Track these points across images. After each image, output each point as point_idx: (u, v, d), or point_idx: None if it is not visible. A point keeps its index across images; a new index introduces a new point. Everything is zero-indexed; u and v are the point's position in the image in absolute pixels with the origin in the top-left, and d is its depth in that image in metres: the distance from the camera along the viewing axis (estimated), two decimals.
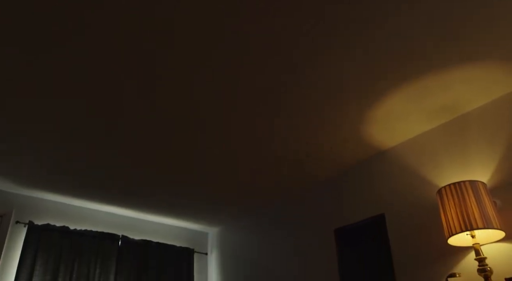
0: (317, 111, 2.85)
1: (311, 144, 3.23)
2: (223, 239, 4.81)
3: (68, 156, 3.31)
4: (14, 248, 3.63)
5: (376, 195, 3.31)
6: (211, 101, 2.71)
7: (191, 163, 3.45)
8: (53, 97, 2.62)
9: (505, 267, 2.41)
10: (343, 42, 2.26)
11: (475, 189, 2.44)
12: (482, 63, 2.45)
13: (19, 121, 2.85)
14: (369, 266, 3.17)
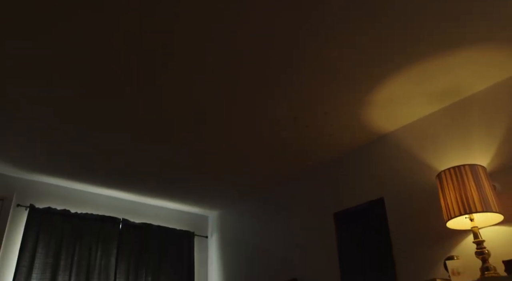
0: (317, 96, 2.84)
1: (311, 128, 3.22)
2: (223, 222, 4.85)
3: (69, 140, 3.31)
4: (16, 231, 3.66)
5: (376, 179, 3.32)
6: (212, 86, 2.70)
7: (192, 146, 3.46)
8: (53, 80, 2.61)
9: (503, 249, 2.43)
10: (344, 26, 2.24)
11: (475, 173, 2.45)
12: (484, 47, 2.43)
13: (20, 104, 2.84)
14: (368, 249, 3.20)
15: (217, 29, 2.22)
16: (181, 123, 3.13)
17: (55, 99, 2.80)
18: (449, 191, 2.49)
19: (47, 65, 2.46)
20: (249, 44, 2.35)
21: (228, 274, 4.50)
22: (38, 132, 3.18)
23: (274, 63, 2.52)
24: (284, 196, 4.13)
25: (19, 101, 2.82)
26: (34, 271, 3.55)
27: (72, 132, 3.21)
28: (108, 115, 3.01)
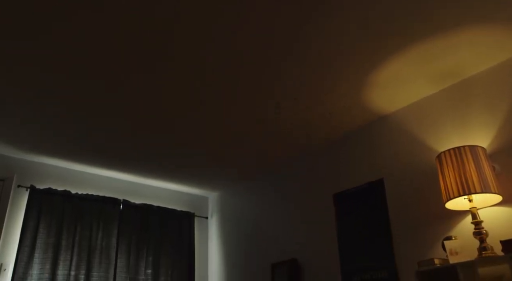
0: (317, 76, 2.82)
1: (311, 108, 3.21)
2: (223, 203, 4.88)
3: (69, 121, 3.30)
4: (17, 212, 3.68)
5: (376, 160, 3.33)
6: (212, 67, 2.68)
7: (192, 128, 3.45)
8: (53, 62, 2.59)
9: (500, 230, 2.45)
10: (345, 4, 2.20)
11: (475, 154, 2.45)
12: (486, 27, 2.40)
13: (20, 86, 2.82)
14: (367, 229, 3.23)
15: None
16: (181, 105, 3.11)
17: (55, 82, 2.78)
18: (449, 172, 2.50)
19: (46, 54, 2.44)
20: (250, 26, 2.32)
21: (228, 254, 4.55)
22: (38, 113, 3.17)
23: (276, 44, 2.49)
24: (284, 177, 4.14)
25: (19, 84, 2.80)
26: (36, 251, 3.59)
27: (72, 114, 3.20)
28: (108, 97, 2.99)
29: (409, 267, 2.80)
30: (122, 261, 4.03)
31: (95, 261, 3.88)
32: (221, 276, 4.55)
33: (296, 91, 2.98)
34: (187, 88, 2.91)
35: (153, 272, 4.19)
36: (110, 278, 3.91)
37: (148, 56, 2.57)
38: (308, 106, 3.18)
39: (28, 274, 3.48)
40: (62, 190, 3.92)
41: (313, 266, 3.58)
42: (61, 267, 3.67)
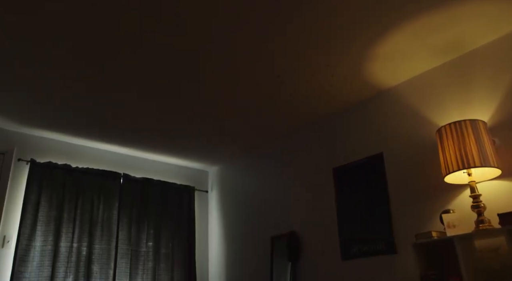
0: (318, 49, 2.78)
1: (311, 82, 3.18)
2: (223, 177, 4.90)
3: (69, 95, 3.27)
4: (18, 185, 3.70)
5: (376, 134, 3.32)
6: (212, 38, 2.64)
7: (192, 102, 3.43)
8: (52, 35, 2.55)
9: (498, 203, 2.47)
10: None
11: (475, 128, 2.45)
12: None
13: (19, 61, 2.79)
14: (366, 203, 3.25)
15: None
16: (182, 78, 3.08)
17: (55, 55, 2.74)
18: (449, 146, 2.50)
19: (45, 25, 2.40)
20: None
21: (228, 227, 4.60)
22: (38, 87, 3.14)
23: (277, 15, 2.45)
24: (284, 151, 4.15)
25: (19, 57, 2.76)
26: (39, 223, 3.63)
27: (72, 87, 3.17)
28: (108, 70, 2.96)
29: (407, 239, 2.84)
30: (123, 234, 4.09)
31: (97, 233, 3.93)
32: (221, 249, 4.62)
33: (297, 64, 2.95)
34: (187, 61, 2.88)
35: (154, 245, 4.25)
36: (112, 250, 3.97)
37: (149, 24, 2.52)
38: (308, 79, 3.15)
39: (31, 246, 3.53)
40: (62, 164, 3.93)
41: (312, 239, 3.62)
42: (64, 240, 3.72)
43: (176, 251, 4.37)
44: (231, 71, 3.02)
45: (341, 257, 3.31)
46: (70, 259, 3.70)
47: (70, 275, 3.65)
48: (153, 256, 4.21)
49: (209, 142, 4.28)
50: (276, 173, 4.18)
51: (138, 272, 4.06)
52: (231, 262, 4.44)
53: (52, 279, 3.55)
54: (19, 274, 3.40)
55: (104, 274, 3.84)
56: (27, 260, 3.48)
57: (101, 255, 3.88)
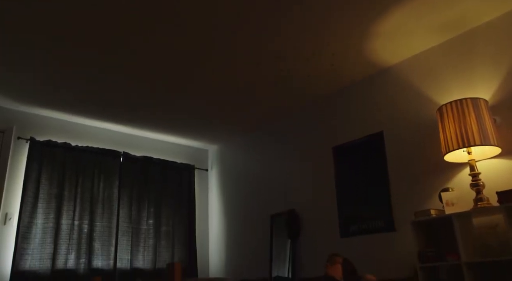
0: (319, 26, 2.74)
1: (312, 61, 3.15)
2: (223, 156, 4.91)
3: (68, 74, 3.25)
4: (19, 163, 3.71)
5: (376, 113, 3.31)
6: (214, 17, 2.60)
7: (193, 80, 3.40)
8: (52, 17, 2.50)
9: (497, 181, 2.48)
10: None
11: (476, 106, 2.44)
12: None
13: (19, 38, 2.75)
14: (366, 182, 3.27)
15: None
16: (182, 57, 3.05)
17: (55, 35, 2.71)
18: (449, 125, 2.49)
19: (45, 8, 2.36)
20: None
21: (228, 205, 4.64)
22: (37, 65, 3.11)
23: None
24: (284, 130, 4.14)
25: (18, 35, 2.73)
26: (40, 201, 3.65)
27: (72, 66, 3.14)
28: (108, 50, 2.92)
29: (406, 217, 2.86)
30: (124, 212, 4.12)
31: (98, 211, 3.95)
32: (221, 226, 4.66)
33: (297, 42, 2.91)
34: (188, 41, 2.84)
35: (154, 222, 4.29)
36: (113, 228, 4.00)
37: (149, 9, 2.48)
38: (308, 58, 3.12)
39: (33, 223, 3.57)
40: (62, 142, 3.92)
41: (311, 217, 3.65)
42: (65, 217, 3.75)
43: (177, 229, 4.41)
44: (232, 50, 2.99)
45: (340, 235, 3.35)
46: (71, 236, 3.74)
47: (72, 251, 3.70)
48: (154, 233, 4.25)
49: (209, 121, 4.27)
50: (276, 152, 4.18)
51: (139, 249, 4.11)
52: (231, 240, 4.49)
53: (55, 255, 3.59)
54: (22, 251, 3.44)
55: (106, 251, 3.89)
56: (29, 237, 3.52)
57: (102, 233, 3.92)
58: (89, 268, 3.74)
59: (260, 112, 4.09)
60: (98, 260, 3.82)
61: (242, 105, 3.91)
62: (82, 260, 3.73)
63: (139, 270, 4.02)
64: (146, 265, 4.09)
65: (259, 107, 3.97)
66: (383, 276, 2.93)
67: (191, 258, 4.40)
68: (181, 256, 4.36)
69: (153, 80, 3.43)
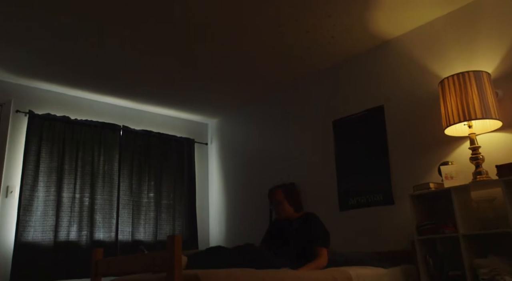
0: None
1: (313, 32, 3.10)
2: (223, 130, 4.91)
3: (67, 46, 3.20)
4: (18, 137, 3.70)
5: (377, 87, 3.28)
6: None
7: (192, 52, 3.36)
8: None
9: (497, 155, 2.48)
10: None
11: (479, 80, 2.42)
12: None
13: (18, 8, 2.69)
14: (365, 155, 3.27)
15: None
16: (182, 29, 3.00)
17: (54, 8, 2.65)
18: (451, 98, 2.47)
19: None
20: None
21: (228, 179, 4.66)
22: (35, 37, 3.06)
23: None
24: (284, 104, 4.12)
25: (14, 7, 2.67)
26: (40, 174, 3.67)
27: (70, 38, 3.09)
28: (108, 24, 2.87)
29: (405, 191, 2.87)
30: (124, 185, 4.14)
31: (98, 185, 3.98)
32: (221, 200, 4.70)
33: (298, 13, 2.86)
34: (188, 14, 2.78)
35: (155, 196, 4.32)
36: (114, 201, 4.04)
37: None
38: (309, 30, 3.07)
39: (34, 196, 3.59)
40: (61, 116, 3.91)
41: (310, 190, 3.68)
42: (66, 190, 3.77)
43: (177, 202, 4.45)
44: (232, 21, 2.93)
45: (339, 208, 3.38)
46: (73, 209, 3.77)
47: (74, 224, 3.74)
48: (155, 206, 4.29)
49: (208, 94, 4.24)
50: (276, 125, 4.17)
51: (140, 222, 4.16)
52: (231, 212, 4.53)
53: (57, 228, 3.64)
54: (24, 223, 3.48)
55: (107, 224, 3.93)
56: (31, 210, 3.55)
57: (103, 206, 3.96)
58: (91, 240, 3.79)
59: (260, 86, 4.06)
60: (99, 232, 3.87)
61: (241, 78, 3.87)
62: (84, 232, 3.78)
63: (140, 242, 4.08)
64: (147, 237, 4.14)
65: (259, 81, 3.94)
66: (381, 249, 2.97)
67: (191, 231, 4.45)
68: (182, 228, 4.41)
69: (152, 54, 3.38)
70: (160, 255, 1.80)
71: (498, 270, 2.15)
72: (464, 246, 2.29)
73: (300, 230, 2.65)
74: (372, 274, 2.38)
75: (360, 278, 2.29)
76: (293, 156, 3.91)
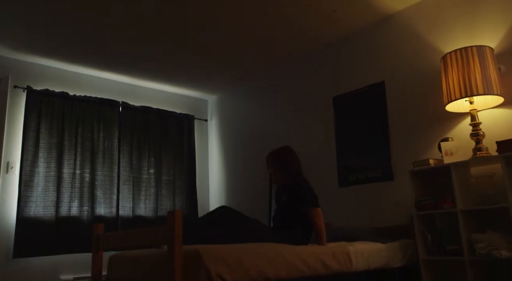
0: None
1: (314, 6, 3.04)
2: (222, 106, 4.88)
3: (65, 20, 3.14)
4: (17, 112, 3.68)
5: (378, 62, 3.25)
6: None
7: (192, 27, 3.30)
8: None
9: (498, 131, 2.47)
10: None
11: (481, 55, 2.38)
12: None
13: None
14: (365, 132, 3.26)
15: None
16: (182, 5, 2.94)
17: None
18: (453, 74, 2.45)
19: None
20: None
21: (228, 155, 4.67)
22: (32, 10, 3.00)
23: None
24: (284, 80, 4.09)
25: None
26: (40, 150, 3.67)
27: (69, 12, 3.03)
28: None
29: (404, 167, 2.88)
30: (124, 162, 4.15)
31: (99, 161, 3.98)
32: (221, 176, 4.72)
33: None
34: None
35: (155, 172, 4.34)
36: (114, 177, 4.05)
37: None
38: (310, 4, 3.01)
39: (35, 172, 3.60)
40: (59, 91, 3.88)
41: (310, 167, 3.67)
42: (66, 166, 3.78)
43: (177, 178, 4.47)
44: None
45: (339, 184, 3.39)
46: (74, 185, 3.79)
47: (75, 199, 3.77)
48: (155, 182, 4.31)
49: (208, 70, 4.20)
50: (276, 101, 4.15)
51: (141, 198, 4.19)
52: (230, 189, 4.56)
53: (58, 203, 3.66)
54: (25, 198, 3.50)
55: (108, 199, 3.96)
56: (32, 185, 3.57)
57: (104, 182, 3.97)
58: (92, 215, 3.82)
59: (260, 61, 4.01)
60: (100, 208, 3.90)
61: (242, 54, 3.83)
62: (85, 208, 3.81)
63: (141, 218, 4.12)
64: (148, 213, 4.18)
65: (259, 56, 3.89)
66: (380, 224, 3.00)
67: (191, 206, 4.49)
68: (182, 204, 4.44)
69: (152, 30, 3.33)
70: (160, 230, 1.81)
71: (495, 244, 2.17)
72: (463, 222, 2.31)
73: (288, 199, 2.61)
74: (371, 249, 2.41)
75: (359, 253, 2.32)
76: (293, 133, 3.90)
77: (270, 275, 1.90)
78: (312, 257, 2.10)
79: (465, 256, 2.27)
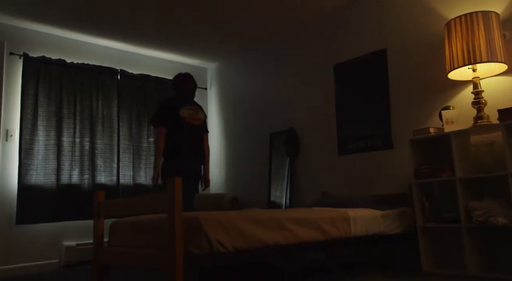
0: None
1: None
2: (222, 74, 4.82)
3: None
4: (14, 80, 3.64)
5: (380, 29, 3.18)
6: None
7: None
8: None
9: (500, 99, 2.45)
10: None
11: (487, 21, 2.33)
12: None
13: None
14: (366, 101, 3.23)
15: None
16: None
17: None
18: (456, 41, 2.40)
19: None
20: None
21: (228, 124, 4.65)
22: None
23: None
24: (284, 48, 4.02)
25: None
26: (39, 118, 3.65)
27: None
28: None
29: (405, 136, 2.87)
30: (124, 130, 4.14)
31: (98, 129, 3.97)
32: (221, 145, 4.72)
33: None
34: None
35: (155, 140, 4.33)
36: (114, 145, 4.05)
37: None
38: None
39: (34, 140, 3.60)
40: (56, 59, 3.82)
41: (310, 136, 3.68)
42: (66, 135, 3.77)
43: None
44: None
45: (338, 153, 3.39)
46: (74, 153, 3.79)
47: (75, 168, 3.78)
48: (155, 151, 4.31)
49: (207, 38, 4.12)
50: (276, 70, 4.10)
51: (141, 166, 4.20)
52: (230, 157, 4.57)
53: (59, 171, 3.68)
54: (26, 166, 3.51)
55: (108, 168, 3.97)
56: (32, 154, 3.57)
57: (104, 150, 3.98)
58: (93, 183, 3.85)
59: (259, 29, 3.93)
60: (101, 176, 3.92)
61: (241, 21, 3.74)
62: (86, 176, 3.83)
63: (141, 186, 4.15)
64: (148, 181, 4.20)
65: (259, 24, 3.81)
66: (379, 192, 3.02)
67: None
68: None
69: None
70: (161, 197, 1.82)
71: (493, 212, 2.19)
72: (461, 190, 2.32)
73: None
74: (370, 215, 2.43)
75: (358, 219, 2.34)
76: (293, 101, 3.87)
77: (269, 241, 1.93)
78: (310, 223, 2.12)
79: (462, 223, 2.29)
